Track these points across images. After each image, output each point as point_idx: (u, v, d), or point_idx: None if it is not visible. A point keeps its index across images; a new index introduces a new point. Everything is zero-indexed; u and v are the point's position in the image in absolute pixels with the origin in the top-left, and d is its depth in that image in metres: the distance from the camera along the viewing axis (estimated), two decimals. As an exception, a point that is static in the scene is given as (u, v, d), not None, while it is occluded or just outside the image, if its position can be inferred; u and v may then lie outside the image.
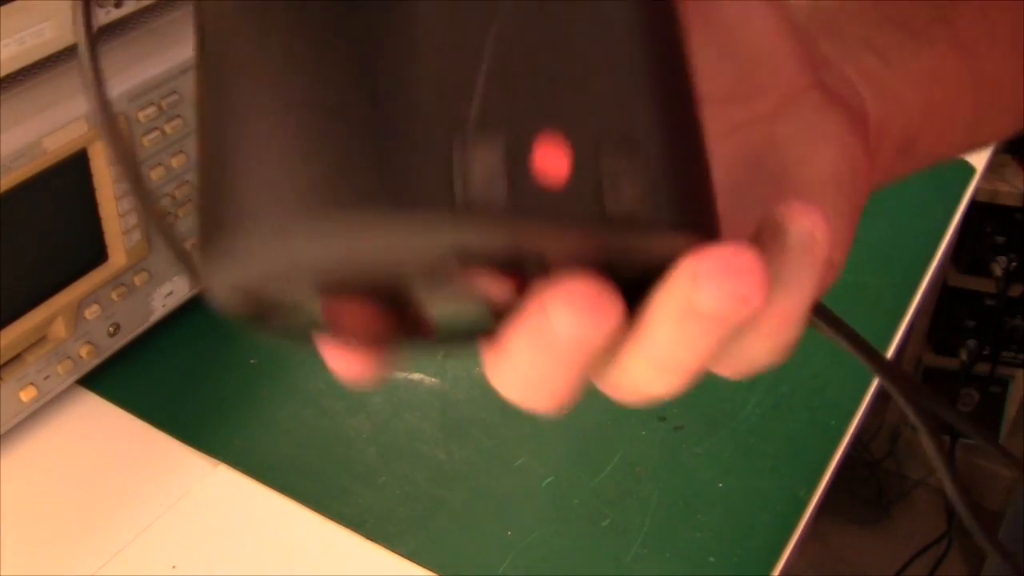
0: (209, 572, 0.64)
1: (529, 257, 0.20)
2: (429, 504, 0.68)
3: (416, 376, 0.76)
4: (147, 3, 0.66)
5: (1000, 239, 1.63)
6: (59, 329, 0.66)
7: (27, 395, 0.66)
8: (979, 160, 0.99)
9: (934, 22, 0.31)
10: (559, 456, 0.73)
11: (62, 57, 0.62)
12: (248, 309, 0.22)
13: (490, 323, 0.22)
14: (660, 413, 0.75)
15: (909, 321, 0.85)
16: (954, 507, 0.44)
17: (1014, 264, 1.64)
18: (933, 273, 0.89)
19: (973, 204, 0.98)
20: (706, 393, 0.76)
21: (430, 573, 0.64)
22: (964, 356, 1.74)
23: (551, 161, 0.18)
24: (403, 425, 0.73)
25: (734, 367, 0.24)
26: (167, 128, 0.66)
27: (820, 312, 0.25)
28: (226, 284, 0.20)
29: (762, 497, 0.70)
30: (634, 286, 0.22)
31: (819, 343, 0.84)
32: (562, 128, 0.19)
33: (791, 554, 0.67)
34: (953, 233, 0.93)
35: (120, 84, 0.63)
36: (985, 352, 1.73)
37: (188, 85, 0.66)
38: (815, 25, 0.29)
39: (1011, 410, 1.81)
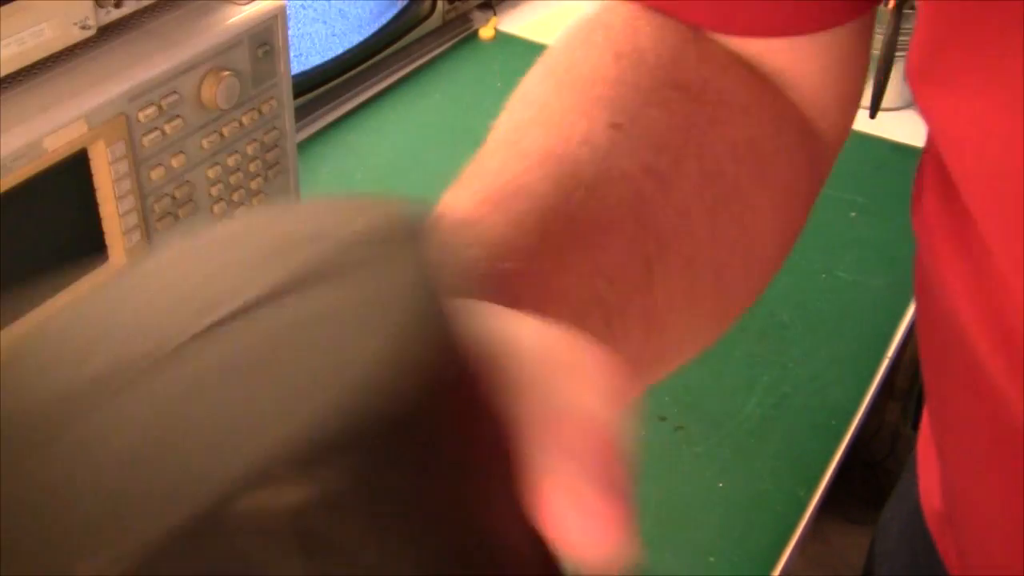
0: (209, 572, 0.64)
1: None
2: (429, 504, 0.68)
3: (416, 376, 0.76)
4: (147, 3, 0.66)
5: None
6: (59, 329, 0.66)
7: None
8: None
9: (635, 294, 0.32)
10: (559, 456, 0.73)
11: (62, 57, 0.62)
12: None
13: None
14: (660, 413, 0.75)
15: (909, 321, 0.85)
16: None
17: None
18: (933, 273, 0.88)
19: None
20: (706, 393, 0.76)
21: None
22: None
23: None
24: (403, 425, 0.73)
25: None
26: (167, 128, 0.66)
27: None
28: None
29: (762, 497, 0.70)
30: None
31: (819, 344, 0.84)
32: None
33: (791, 554, 0.67)
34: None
35: (120, 84, 0.63)
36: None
37: (188, 85, 0.66)
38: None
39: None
